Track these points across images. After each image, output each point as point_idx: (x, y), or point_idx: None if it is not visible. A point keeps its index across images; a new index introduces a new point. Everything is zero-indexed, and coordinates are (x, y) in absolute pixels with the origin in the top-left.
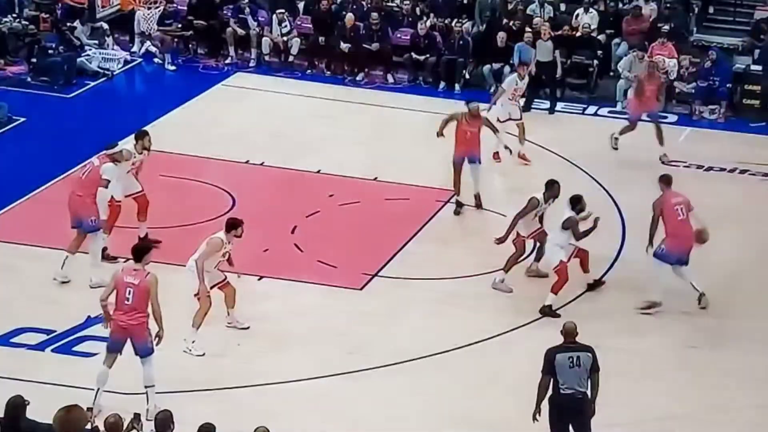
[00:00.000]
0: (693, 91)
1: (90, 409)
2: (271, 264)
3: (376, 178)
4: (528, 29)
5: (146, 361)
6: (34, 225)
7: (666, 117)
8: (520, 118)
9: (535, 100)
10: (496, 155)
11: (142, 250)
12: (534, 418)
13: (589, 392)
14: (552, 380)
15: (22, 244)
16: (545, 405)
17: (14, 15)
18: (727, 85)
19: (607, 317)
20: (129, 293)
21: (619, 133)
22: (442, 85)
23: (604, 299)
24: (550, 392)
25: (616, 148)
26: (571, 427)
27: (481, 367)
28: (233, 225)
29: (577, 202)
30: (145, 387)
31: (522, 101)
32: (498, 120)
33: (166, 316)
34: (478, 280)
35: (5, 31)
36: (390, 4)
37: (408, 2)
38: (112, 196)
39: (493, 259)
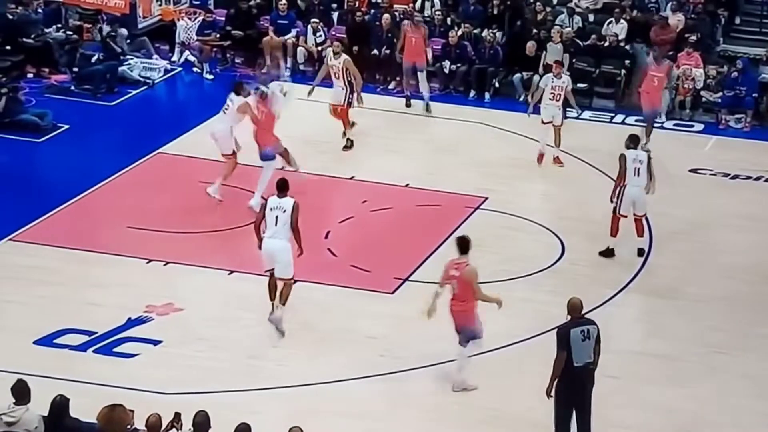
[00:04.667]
0: (719, 100)
1: (132, 411)
2: (305, 268)
3: (407, 184)
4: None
5: (473, 343)
6: (77, 229)
7: (693, 126)
8: (561, 123)
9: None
10: (540, 158)
11: (466, 244)
12: (548, 395)
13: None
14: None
15: (66, 248)
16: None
17: (59, 25)
18: (753, 95)
19: (635, 322)
20: (454, 284)
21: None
22: (472, 93)
23: (631, 304)
24: None
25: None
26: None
27: (510, 370)
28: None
29: None
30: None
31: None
32: (542, 122)
33: (196, 317)
34: (507, 285)
35: (50, 41)
36: (422, 14)
37: (440, 12)
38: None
39: (523, 264)
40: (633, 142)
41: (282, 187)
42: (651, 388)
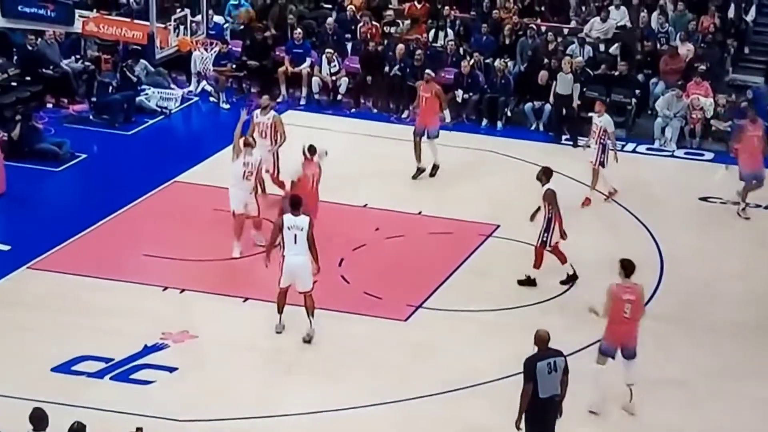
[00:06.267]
0: (729, 129)
1: (140, 429)
2: (318, 295)
3: (420, 212)
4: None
5: (632, 363)
6: (95, 257)
7: (703, 155)
8: (596, 164)
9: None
10: (586, 202)
11: (633, 268)
12: (517, 427)
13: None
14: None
15: (83, 276)
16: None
17: (78, 56)
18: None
19: (645, 346)
20: (627, 308)
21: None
22: (484, 122)
23: (640, 329)
24: None
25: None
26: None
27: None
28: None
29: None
30: (627, 384)
31: (603, 143)
32: (590, 162)
33: (211, 344)
34: (519, 312)
35: (69, 72)
36: (435, 44)
37: (452, 42)
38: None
39: (533, 291)
40: (547, 175)
41: (296, 205)
42: (661, 411)
